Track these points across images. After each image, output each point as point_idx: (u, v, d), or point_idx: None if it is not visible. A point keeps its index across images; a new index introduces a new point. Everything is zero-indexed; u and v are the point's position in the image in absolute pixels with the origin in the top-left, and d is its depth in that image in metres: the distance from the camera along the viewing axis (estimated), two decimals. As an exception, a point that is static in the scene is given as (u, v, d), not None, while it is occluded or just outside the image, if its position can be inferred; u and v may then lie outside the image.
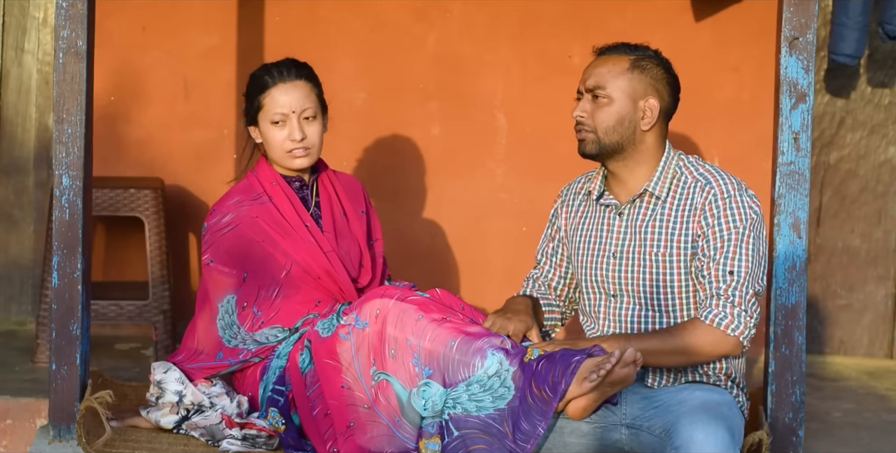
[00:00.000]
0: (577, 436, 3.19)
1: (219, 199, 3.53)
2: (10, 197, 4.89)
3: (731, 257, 3.19)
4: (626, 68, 3.27)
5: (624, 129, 3.27)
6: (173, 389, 3.39)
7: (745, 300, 3.18)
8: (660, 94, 3.29)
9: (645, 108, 3.28)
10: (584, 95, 3.32)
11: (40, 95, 4.86)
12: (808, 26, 3.39)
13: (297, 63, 3.55)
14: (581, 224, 3.41)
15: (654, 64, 3.30)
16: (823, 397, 4.33)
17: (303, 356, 3.33)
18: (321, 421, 3.25)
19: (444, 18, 4.76)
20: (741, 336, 3.16)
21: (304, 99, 3.50)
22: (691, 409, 3.07)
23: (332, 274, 3.46)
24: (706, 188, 3.25)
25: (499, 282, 4.78)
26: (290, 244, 3.45)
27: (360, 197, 3.68)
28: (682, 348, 3.17)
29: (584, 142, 3.31)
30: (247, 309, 3.42)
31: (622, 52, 3.30)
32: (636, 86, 3.27)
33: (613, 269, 3.32)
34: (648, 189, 3.29)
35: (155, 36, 4.77)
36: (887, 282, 4.89)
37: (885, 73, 4.84)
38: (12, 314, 4.91)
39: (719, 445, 2.96)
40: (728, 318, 3.16)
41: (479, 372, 3.15)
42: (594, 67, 3.32)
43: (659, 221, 3.28)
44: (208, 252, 3.45)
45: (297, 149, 3.49)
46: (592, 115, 3.29)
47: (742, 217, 3.21)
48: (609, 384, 3.06)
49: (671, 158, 3.31)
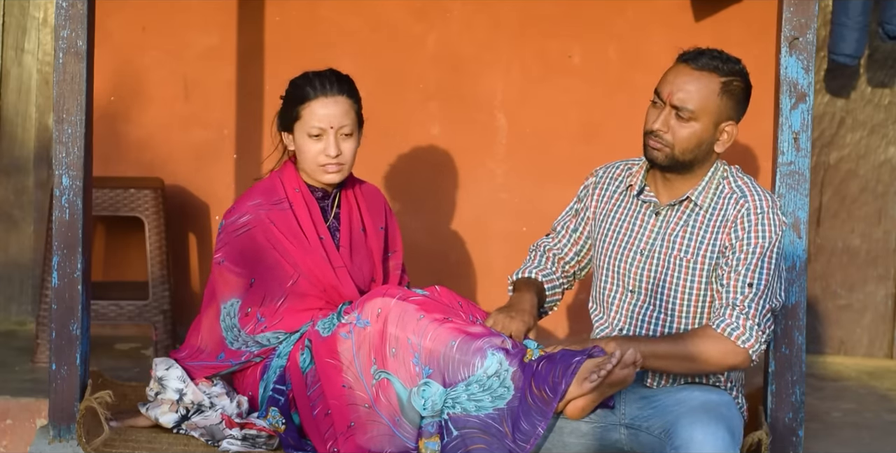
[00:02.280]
0: (576, 436, 3.19)
1: (240, 197, 3.51)
2: (10, 197, 4.88)
3: (752, 270, 3.17)
4: (716, 91, 3.20)
5: (700, 151, 3.24)
6: (174, 387, 3.39)
7: (759, 314, 3.15)
8: (739, 114, 3.26)
9: (724, 132, 3.24)
10: (666, 107, 3.22)
11: (40, 95, 4.85)
12: (808, 26, 3.39)
13: (339, 76, 3.50)
14: (614, 212, 3.38)
15: (741, 87, 3.23)
16: (823, 397, 4.33)
17: (303, 355, 3.33)
18: (321, 421, 3.25)
19: (444, 18, 4.75)
20: (751, 349, 3.13)
21: (344, 116, 3.46)
22: (691, 409, 3.07)
23: (340, 289, 3.44)
24: (741, 201, 3.23)
25: (499, 282, 4.77)
26: (301, 255, 3.43)
27: (380, 211, 3.65)
28: (690, 355, 3.15)
29: (657, 154, 3.23)
30: (250, 314, 3.41)
31: (714, 69, 3.20)
32: (722, 110, 3.22)
33: (638, 266, 3.30)
34: (691, 197, 3.27)
35: (155, 36, 4.77)
36: (887, 282, 4.89)
37: (885, 73, 4.84)
38: (12, 314, 4.91)
39: (719, 445, 2.96)
40: (740, 330, 3.14)
41: (478, 371, 3.15)
42: (683, 82, 3.21)
43: (692, 227, 3.26)
44: (221, 251, 3.44)
45: (330, 164, 3.45)
46: (673, 131, 3.21)
47: (771, 234, 3.20)
48: (609, 385, 3.07)
49: (718, 168, 3.29)
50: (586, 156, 4.61)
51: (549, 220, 4.69)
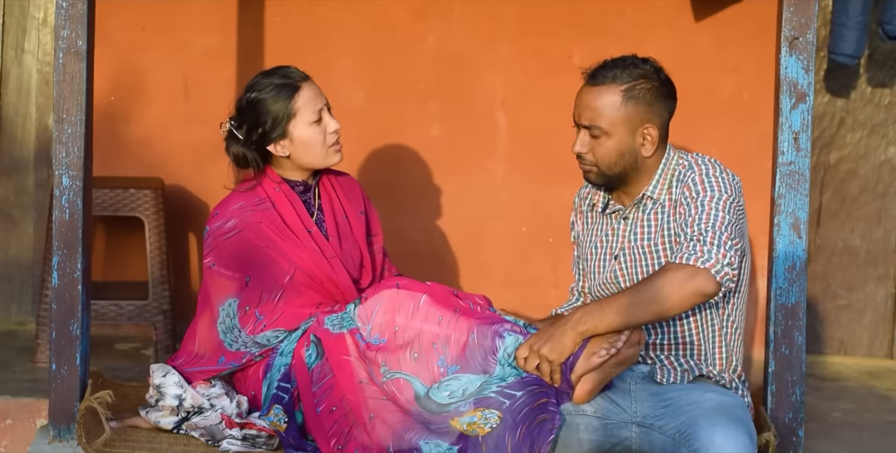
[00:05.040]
0: (588, 433, 3.20)
1: (221, 203, 3.50)
2: (10, 197, 4.89)
3: (706, 212, 3.17)
4: (618, 102, 3.23)
5: (626, 161, 3.27)
6: (173, 393, 3.39)
7: (717, 239, 3.11)
8: (657, 115, 3.27)
9: (645, 135, 3.26)
10: (581, 129, 3.28)
11: (40, 95, 4.86)
12: (808, 26, 3.39)
13: (286, 66, 3.52)
14: (591, 231, 3.44)
15: (645, 88, 3.25)
16: (823, 397, 4.33)
17: (309, 351, 3.33)
18: (325, 418, 3.25)
19: (444, 18, 4.76)
20: (712, 268, 3.08)
21: (321, 91, 3.51)
22: (707, 411, 3.07)
23: (335, 279, 3.45)
24: (686, 172, 3.27)
25: (499, 282, 4.78)
26: (294, 250, 3.44)
27: (358, 197, 3.67)
28: (653, 294, 3.08)
29: (589, 175, 3.31)
30: (249, 312, 3.41)
31: (612, 79, 3.24)
32: (632, 117, 3.24)
33: (612, 271, 3.34)
34: (647, 193, 3.31)
35: (155, 36, 4.77)
36: (887, 282, 4.89)
37: (885, 73, 4.84)
38: (12, 314, 4.91)
39: (740, 448, 2.96)
40: (698, 253, 3.10)
41: (500, 352, 3.17)
42: (586, 101, 3.27)
43: (654, 215, 3.30)
44: (210, 255, 3.44)
45: (336, 142, 3.50)
46: (593, 151, 3.27)
47: (721, 188, 3.21)
48: (614, 364, 3.10)
49: (670, 160, 3.32)
50: (586, 156, 4.61)
51: (549, 220, 4.71)
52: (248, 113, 3.47)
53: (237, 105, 3.51)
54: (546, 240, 4.75)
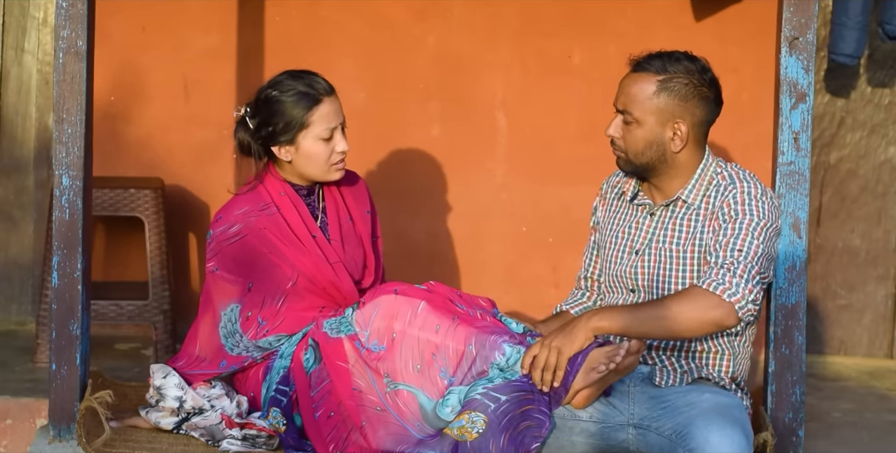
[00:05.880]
0: (584, 436, 3.20)
1: (224, 206, 3.47)
2: (10, 197, 4.89)
3: (742, 238, 3.16)
4: (652, 92, 3.23)
5: (653, 153, 3.26)
6: (173, 395, 3.38)
7: (748, 273, 3.12)
8: (691, 112, 3.25)
9: (675, 130, 3.25)
10: (617, 113, 3.29)
11: (40, 95, 4.86)
12: (808, 26, 3.39)
13: (314, 73, 3.45)
14: (614, 219, 3.43)
15: (682, 83, 3.23)
16: (823, 397, 4.33)
17: (307, 355, 3.32)
18: (323, 423, 3.24)
19: (444, 18, 4.75)
20: (737, 304, 3.08)
21: (341, 109, 3.46)
22: (704, 411, 3.07)
23: (337, 284, 3.44)
24: (729, 187, 3.25)
25: (499, 282, 4.78)
26: (298, 256, 3.42)
27: (364, 197, 3.64)
28: (673, 314, 3.08)
29: (619, 160, 3.32)
30: (251, 318, 3.40)
31: (652, 69, 3.24)
32: (664, 109, 3.23)
33: (632, 265, 3.32)
34: (682, 197, 3.29)
35: (155, 36, 4.77)
36: (887, 282, 4.89)
37: (885, 73, 4.84)
38: (12, 314, 4.91)
39: (735, 448, 2.96)
40: (726, 284, 3.10)
41: (500, 360, 3.17)
42: (625, 86, 3.27)
43: (682, 220, 3.29)
44: (213, 260, 3.42)
45: (341, 160, 3.45)
46: (624, 137, 3.27)
47: (760, 212, 3.20)
48: (615, 372, 3.09)
49: (709, 165, 3.30)
50: (586, 156, 4.61)
51: (548, 220, 4.70)
52: (263, 107, 3.43)
53: (257, 95, 3.46)
54: (546, 240, 4.75)
